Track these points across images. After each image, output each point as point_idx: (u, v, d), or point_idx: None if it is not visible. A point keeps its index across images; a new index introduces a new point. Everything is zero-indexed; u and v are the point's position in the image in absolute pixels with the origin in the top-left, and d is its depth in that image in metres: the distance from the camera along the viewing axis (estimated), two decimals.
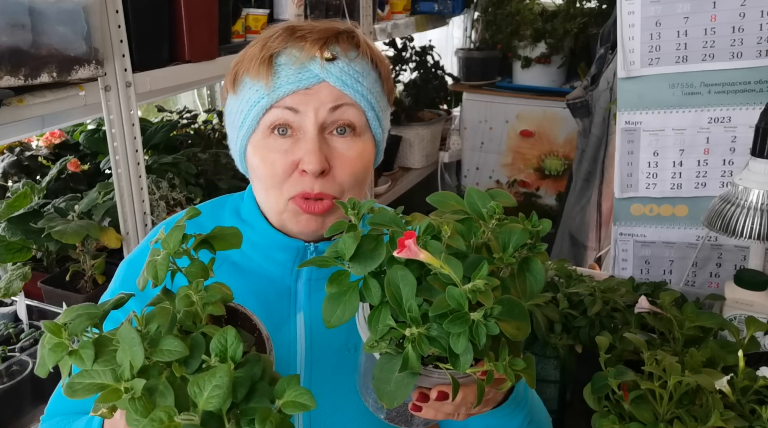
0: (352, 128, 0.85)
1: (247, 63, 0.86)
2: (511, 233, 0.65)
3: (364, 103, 0.85)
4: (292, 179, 0.84)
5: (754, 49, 1.22)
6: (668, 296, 1.06)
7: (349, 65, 0.84)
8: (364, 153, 0.87)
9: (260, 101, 0.84)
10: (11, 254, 1.51)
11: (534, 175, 3.24)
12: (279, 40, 0.84)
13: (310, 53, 0.82)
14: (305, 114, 0.83)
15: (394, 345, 0.62)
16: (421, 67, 3.21)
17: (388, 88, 0.91)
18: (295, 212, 0.85)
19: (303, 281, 0.90)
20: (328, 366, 0.89)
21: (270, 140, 0.84)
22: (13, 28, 1.15)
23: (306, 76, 0.82)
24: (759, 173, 1.06)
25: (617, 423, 0.80)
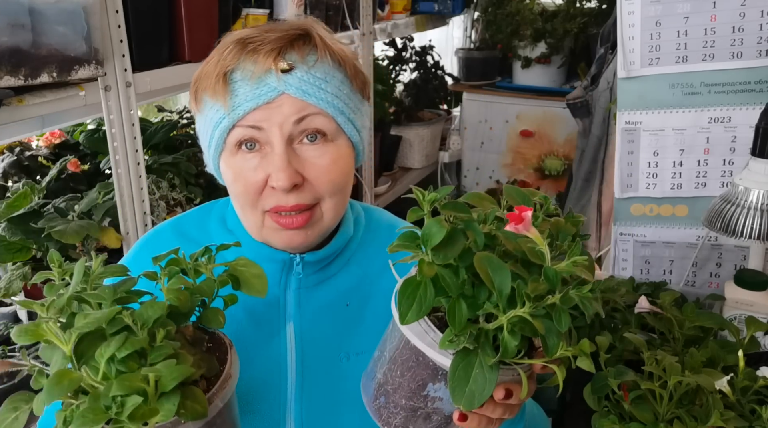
0: (323, 135, 0.81)
1: (204, 81, 0.82)
2: (559, 226, 0.66)
3: (331, 110, 0.81)
4: (265, 193, 0.81)
5: (754, 49, 1.22)
6: (668, 296, 1.06)
7: (308, 73, 0.79)
8: (340, 159, 0.83)
9: (222, 122, 0.80)
10: (11, 254, 1.51)
11: (534, 175, 3.24)
12: (231, 55, 0.80)
13: (265, 66, 0.78)
14: (269, 130, 0.79)
15: (472, 338, 0.60)
16: (421, 67, 3.21)
17: (359, 83, 0.86)
18: (275, 228, 0.83)
19: (292, 291, 0.88)
20: (320, 375, 0.87)
21: (238, 157, 0.81)
22: (13, 28, 1.15)
23: (264, 90, 0.78)
24: (759, 173, 1.06)
25: (617, 423, 0.80)
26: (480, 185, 3.38)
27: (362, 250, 0.93)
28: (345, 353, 0.88)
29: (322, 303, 0.89)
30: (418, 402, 0.68)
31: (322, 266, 0.89)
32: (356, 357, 0.89)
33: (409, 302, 0.61)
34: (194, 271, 0.68)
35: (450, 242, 0.61)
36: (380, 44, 2.97)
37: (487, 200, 0.72)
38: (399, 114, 3.09)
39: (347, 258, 0.92)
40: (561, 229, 0.66)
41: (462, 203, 0.66)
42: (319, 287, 0.89)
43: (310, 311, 0.88)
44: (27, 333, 0.54)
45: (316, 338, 0.88)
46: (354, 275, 0.91)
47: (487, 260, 0.59)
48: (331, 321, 0.89)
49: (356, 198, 2.65)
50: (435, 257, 0.61)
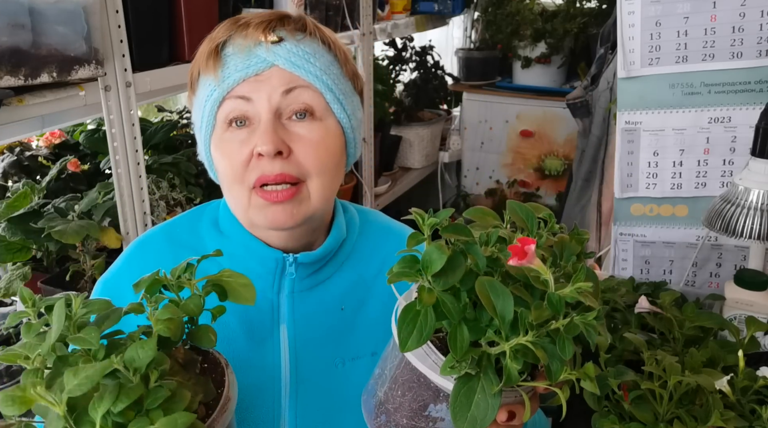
0: (311, 112, 0.82)
1: (198, 61, 0.84)
2: (563, 244, 0.65)
3: (319, 84, 0.82)
4: (251, 165, 0.81)
5: (754, 49, 1.22)
6: (668, 296, 1.06)
7: (297, 46, 0.81)
8: (328, 137, 0.83)
9: (212, 94, 0.82)
10: (11, 254, 1.51)
11: (534, 175, 3.24)
12: (223, 30, 0.83)
13: (255, 38, 0.80)
14: (258, 101, 0.80)
15: (474, 364, 0.59)
16: (421, 67, 3.21)
17: (350, 72, 0.87)
18: (260, 205, 0.82)
19: (285, 295, 0.87)
20: (315, 380, 0.86)
21: (228, 133, 0.82)
22: (13, 28, 1.15)
23: (254, 61, 0.80)
24: (759, 173, 1.06)
25: (617, 423, 0.80)
26: (480, 185, 3.38)
27: (356, 253, 0.92)
28: (340, 358, 0.87)
29: (316, 307, 0.88)
30: (420, 422, 0.67)
31: (315, 268, 0.88)
32: (351, 363, 0.88)
33: (409, 330, 0.60)
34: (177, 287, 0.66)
35: (451, 267, 0.60)
36: (380, 44, 2.97)
37: (490, 216, 0.71)
38: (399, 114, 3.09)
39: (341, 262, 0.91)
40: (566, 247, 0.65)
41: (463, 226, 0.64)
42: (312, 291, 0.88)
43: (303, 315, 0.87)
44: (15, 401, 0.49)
45: (310, 343, 0.87)
46: (348, 278, 0.90)
47: (489, 284, 0.58)
48: (325, 325, 0.87)
49: (356, 198, 2.66)
50: (436, 283, 0.60)
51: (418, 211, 0.65)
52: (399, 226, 0.99)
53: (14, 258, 1.51)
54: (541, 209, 0.69)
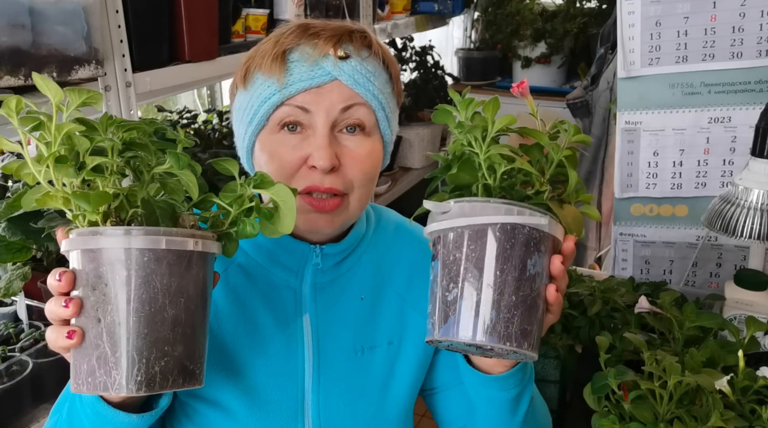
0: (362, 128, 0.84)
1: (259, 59, 0.85)
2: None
3: (375, 103, 0.84)
4: (301, 173, 0.83)
5: (754, 49, 1.22)
6: (668, 296, 1.06)
7: (361, 64, 0.83)
8: (374, 152, 0.86)
9: (271, 98, 0.83)
10: (11, 254, 1.51)
11: None
12: (292, 36, 0.84)
13: (324, 51, 0.82)
14: (316, 114, 0.82)
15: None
16: (421, 67, 3.21)
17: (398, 90, 0.91)
18: (304, 209, 0.84)
19: (308, 285, 0.90)
20: (336, 368, 0.89)
21: (279, 136, 0.84)
22: (13, 28, 1.15)
23: (318, 73, 0.81)
24: (759, 173, 1.06)
25: (617, 423, 0.80)
26: None
27: (373, 247, 0.95)
28: (360, 346, 0.90)
29: (338, 297, 0.91)
30: (525, 288, 0.66)
31: (338, 260, 0.91)
32: (369, 351, 0.91)
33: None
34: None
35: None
36: None
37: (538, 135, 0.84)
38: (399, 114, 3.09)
39: (360, 255, 0.94)
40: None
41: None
42: (334, 282, 0.91)
43: (325, 304, 0.90)
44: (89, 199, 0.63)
45: (331, 330, 0.90)
46: (367, 270, 0.94)
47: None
48: (345, 314, 0.91)
49: None
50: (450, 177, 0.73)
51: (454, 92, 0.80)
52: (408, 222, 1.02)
53: (14, 258, 1.51)
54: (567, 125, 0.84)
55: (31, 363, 1.33)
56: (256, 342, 0.88)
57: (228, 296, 0.88)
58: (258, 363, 0.87)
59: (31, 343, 1.40)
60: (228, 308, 0.88)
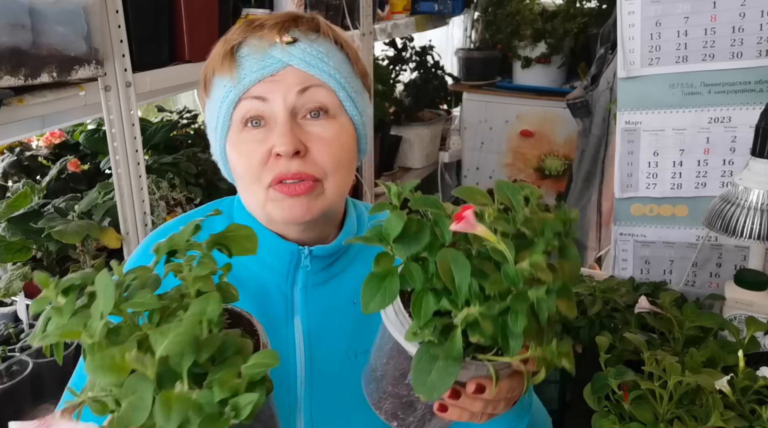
0: (325, 111, 0.84)
1: (212, 62, 0.86)
2: (544, 222, 0.65)
3: (333, 83, 0.84)
4: (269, 165, 0.82)
5: (754, 49, 1.22)
6: (668, 296, 1.06)
7: (311, 46, 0.83)
8: (342, 135, 0.85)
9: (228, 95, 0.83)
10: (11, 254, 1.51)
11: (534, 175, 3.24)
12: (238, 32, 0.85)
13: (270, 39, 0.82)
14: (274, 101, 0.81)
15: (437, 333, 0.60)
16: (421, 67, 3.21)
17: (360, 70, 0.90)
18: (278, 199, 0.83)
19: (299, 288, 0.88)
20: (329, 373, 0.88)
21: (244, 133, 0.84)
22: (13, 28, 1.15)
23: (269, 62, 0.82)
24: (759, 173, 1.06)
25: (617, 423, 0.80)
26: (480, 184, 3.38)
27: (366, 249, 0.93)
28: (353, 351, 0.89)
29: (329, 301, 0.90)
30: (402, 389, 0.69)
31: (329, 262, 0.90)
32: (363, 356, 0.89)
33: (372, 292, 0.62)
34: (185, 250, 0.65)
35: (415, 236, 0.62)
36: (380, 44, 2.97)
37: (479, 194, 0.71)
38: (399, 114, 3.09)
39: (352, 256, 0.92)
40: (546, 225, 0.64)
41: (434, 199, 0.66)
42: (325, 285, 0.90)
43: (317, 308, 0.89)
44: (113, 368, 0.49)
45: (323, 335, 0.88)
46: (359, 273, 0.91)
47: (451, 255, 0.59)
48: (338, 318, 0.89)
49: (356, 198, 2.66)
50: (397, 250, 0.62)
51: (385, 183, 0.69)
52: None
53: (14, 258, 1.51)
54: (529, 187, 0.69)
55: (31, 363, 1.33)
56: None
57: None
58: None
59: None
60: None
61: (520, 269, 0.58)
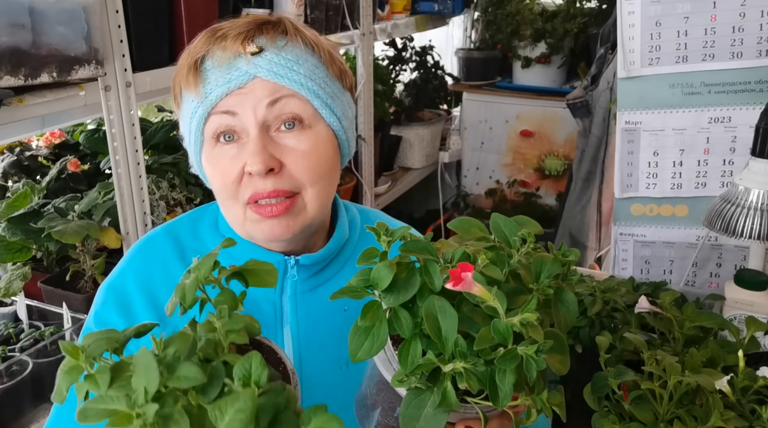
0: (300, 121, 0.80)
1: (179, 76, 0.82)
2: (542, 263, 0.63)
3: (305, 92, 0.79)
4: (243, 183, 0.79)
5: (754, 49, 1.22)
6: (668, 296, 1.06)
7: (278, 55, 0.78)
8: (319, 145, 0.81)
9: (197, 111, 0.80)
10: (11, 254, 1.51)
11: (534, 175, 3.24)
12: (201, 43, 0.80)
13: (234, 50, 0.78)
14: (244, 115, 0.78)
15: (424, 379, 0.59)
16: (421, 67, 3.21)
17: (336, 71, 0.84)
18: (255, 220, 0.81)
19: (288, 296, 0.87)
20: (319, 382, 0.86)
21: (217, 149, 0.81)
22: (13, 28, 1.15)
23: (235, 74, 0.77)
24: (759, 173, 1.06)
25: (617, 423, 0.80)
26: (480, 184, 3.38)
27: (359, 253, 0.92)
28: (344, 359, 0.87)
29: (319, 308, 0.88)
30: (391, 421, 0.68)
31: (317, 270, 0.88)
32: (354, 365, 0.88)
33: (360, 340, 0.60)
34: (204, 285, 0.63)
35: (404, 284, 0.60)
36: (380, 44, 2.97)
37: (475, 227, 0.68)
38: (399, 114, 3.09)
39: (343, 262, 0.90)
40: (544, 267, 0.62)
41: (425, 243, 0.63)
42: (315, 292, 0.88)
43: (306, 316, 0.87)
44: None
45: (313, 343, 0.87)
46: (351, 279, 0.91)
47: (438, 305, 0.57)
48: (328, 326, 0.87)
49: (356, 198, 2.66)
50: (386, 299, 0.60)
51: (374, 228, 0.65)
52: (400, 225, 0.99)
53: (14, 258, 1.51)
54: (527, 223, 0.67)
55: (31, 363, 1.33)
56: None
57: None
58: None
59: (31, 343, 1.40)
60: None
61: (511, 325, 0.56)
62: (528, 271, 0.63)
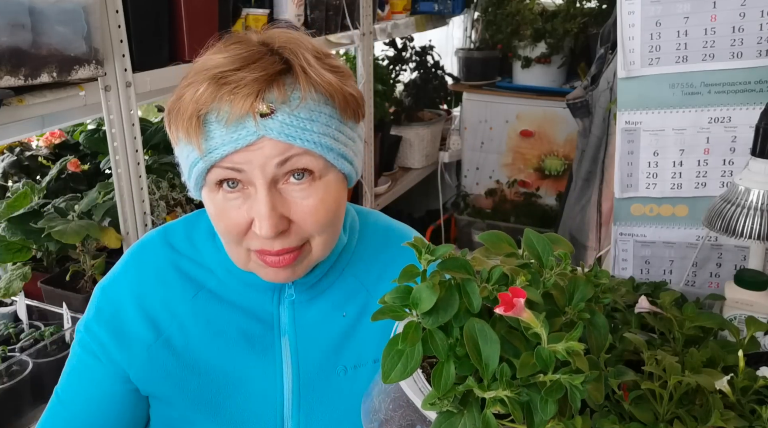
0: (310, 173, 0.75)
1: (177, 118, 0.75)
2: (576, 285, 0.61)
3: (318, 149, 0.74)
4: (249, 235, 0.76)
5: (754, 49, 1.22)
6: (668, 296, 1.06)
7: (290, 115, 0.72)
8: (328, 197, 0.77)
9: (197, 164, 0.75)
10: (11, 254, 1.51)
11: (534, 175, 3.24)
12: (206, 95, 0.72)
13: (242, 109, 0.70)
14: (251, 172, 0.73)
15: (456, 402, 0.57)
16: (421, 67, 3.21)
17: (351, 111, 0.78)
18: (261, 265, 0.79)
19: (285, 305, 0.86)
20: (318, 390, 0.85)
21: (220, 195, 0.76)
22: (13, 28, 1.15)
23: (242, 134, 0.71)
24: (759, 173, 1.06)
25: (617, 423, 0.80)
26: (480, 184, 3.38)
27: (357, 259, 0.91)
28: (342, 366, 0.86)
29: (318, 316, 0.87)
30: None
31: (315, 281, 0.87)
32: (354, 371, 0.87)
33: (393, 362, 0.57)
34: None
35: (443, 304, 0.57)
36: (380, 44, 2.97)
37: (505, 242, 0.66)
38: (399, 114, 3.09)
39: (341, 268, 0.89)
40: (578, 289, 0.61)
41: (464, 261, 0.61)
42: (313, 301, 0.87)
43: (305, 325, 0.86)
44: None
45: (312, 352, 0.86)
46: (349, 285, 0.89)
47: (478, 328, 0.56)
48: (327, 333, 0.87)
49: (356, 198, 2.66)
50: (425, 321, 0.58)
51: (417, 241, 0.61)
52: (400, 227, 0.98)
53: (14, 258, 1.51)
54: (561, 242, 0.65)
55: (31, 363, 1.33)
56: (231, 369, 0.84)
57: (198, 323, 0.84)
58: (234, 390, 0.84)
59: (31, 343, 1.40)
60: (199, 335, 0.84)
61: (555, 352, 0.55)
62: (561, 293, 0.61)
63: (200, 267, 0.88)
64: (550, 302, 0.61)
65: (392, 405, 0.67)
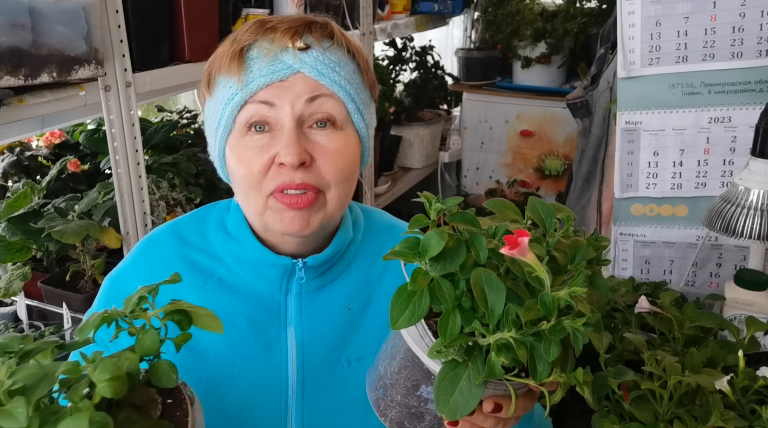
0: (332, 122, 0.81)
1: (218, 61, 0.83)
2: (577, 247, 0.64)
3: (343, 94, 0.81)
4: (271, 173, 0.80)
5: (754, 49, 1.22)
6: (668, 296, 1.06)
7: (323, 54, 0.80)
8: (347, 147, 0.83)
9: (234, 98, 0.80)
10: (11, 254, 1.51)
11: (534, 175, 3.24)
12: (249, 33, 0.81)
13: (282, 44, 0.79)
14: (281, 108, 0.79)
15: (462, 352, 0.59)
16: (421, 67, 3.21)
17: (370, 81, 0.87)
18: (278, 209, 0.81)
19: (293, 296, 0.87)
20: (322, 381, 0.86)
21: (246, 138, 0.81)
22: (13, 28, 1.15)
23: (279, 67, 0.79)
24: (759, 173, 1.06)
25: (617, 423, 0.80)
26: (480, 184, 3.38)
27: (362, 253, 0.92)
28: (346, 358, 0.88)
29: (324, 308, 0.88)
30: (412, 400, 0.68)
31: (323, 270, 0.88)
32: (357, 363, 0.88)
33: (401, 308, 0.61)
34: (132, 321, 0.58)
35: (450, 253, 0.60)
36: (380, 44, 2.97)
37: (510, 210, 0.70)
38: (399, 114, 3.09)
39: (348, 262, 0.91)
40: (579, 251, 0.63)
41: (471, 215, 0.64)
42: (320, 292, 0.89)
43: (311, 316, 0.88)
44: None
45: (317, 343, 0.87)
46: (355, 278, 0.91)
47: (485, 276, 0.58)
48: (332, 325, 0.88)
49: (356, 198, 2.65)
50: (432, 268, 0.60)
51: (427, 194, 0.65)
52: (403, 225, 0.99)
53: (14, 258, 1.51)
54: (562, 209, 0.68)
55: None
56: (237, 358, 0.85)
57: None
58: (240, 379, 0.85)
59: None
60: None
61: (558, 298, 0.57)
62: (563, 254, 0.64)
63: (210, 256, 0.89)
64: (553, 264, 0.63)
65: (397, 367, 0.68)
